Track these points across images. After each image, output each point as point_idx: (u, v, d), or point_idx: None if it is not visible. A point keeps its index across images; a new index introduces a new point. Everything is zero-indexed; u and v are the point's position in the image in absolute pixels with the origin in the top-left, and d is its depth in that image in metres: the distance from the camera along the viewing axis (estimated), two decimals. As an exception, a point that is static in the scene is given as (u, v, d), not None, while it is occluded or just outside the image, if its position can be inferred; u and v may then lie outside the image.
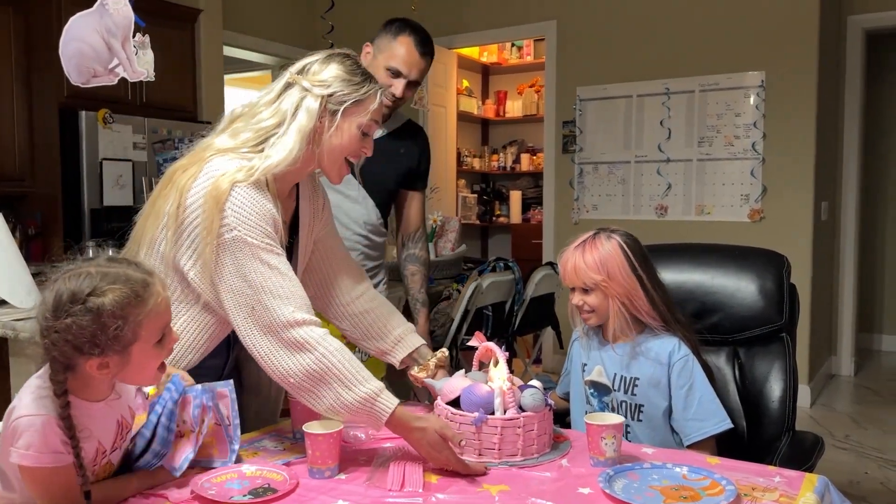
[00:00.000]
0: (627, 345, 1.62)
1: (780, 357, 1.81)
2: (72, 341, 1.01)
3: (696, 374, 1.59)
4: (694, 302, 1.85)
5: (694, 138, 4.44)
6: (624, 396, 1.62)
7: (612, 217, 4.68)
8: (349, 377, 1.27)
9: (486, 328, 3.34)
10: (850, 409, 4.28)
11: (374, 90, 1.42)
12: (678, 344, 1.60)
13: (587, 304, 1.61)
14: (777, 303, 1.80)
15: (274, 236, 1.35)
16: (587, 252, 1.60)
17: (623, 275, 1.58)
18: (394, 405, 1.28)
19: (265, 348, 1.29)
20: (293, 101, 1.39)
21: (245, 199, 1.32)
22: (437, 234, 3.56)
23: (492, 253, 6.61)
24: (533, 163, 6.34)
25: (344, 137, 1.42)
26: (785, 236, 4.07)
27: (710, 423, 1.57)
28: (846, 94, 4.78)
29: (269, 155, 1.37)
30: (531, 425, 1.36)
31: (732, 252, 1.95)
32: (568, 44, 4.85)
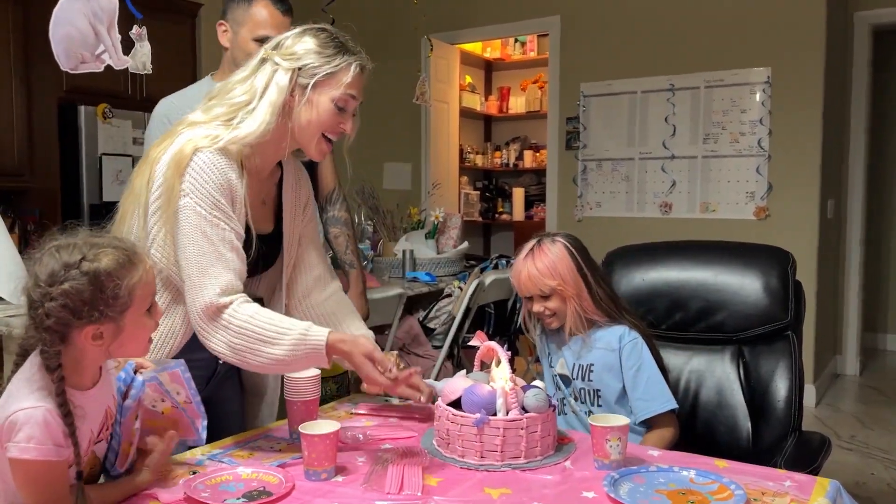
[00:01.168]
0: (580, 337, 1.69)
1: (785, 356, 1.78)
2: (70, 306, 1.01)
3: (645, 356, 1.65)
4: (697, 300, 1.84)
5: (699, 135, 4.40)
6: (582, 384, 1.69)
7: (615, 214, 4.64)
8: (271, 335, 1.29)
9: (488, 326, 3.32)
10: (855, 409, 4.23)
11: (347, 62, 1.38)
12: (626, 330, 1.67)
13: (548, 310, 1.66)
14: (782, 300, 1.78)
15: (225, 208, 1.33)
16: (537, 259, 1.65)
17: (572, 276, 1.65)
18: (324, 337, 1.31)
19: (199, 324, 1.32)
20: (265, 76, 1.37)
21: (203, 165, 1.32)
22: (439, 230, 3.53)
23: (494, 250, 6.57)
24: (536, 160, 6.30)
25: (316, 111, 1.39)
26: (791, 234, 4.03)
27: (658, 402, 1.63)
28: (853, 90, 4.73)
29: (237, 126, 1.36)
30: (534, 426, 1.33)
31: (736, 249, 1.93)
32: (572, 39, 4.81)
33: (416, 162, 5.44)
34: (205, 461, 1.29)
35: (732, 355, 1.81)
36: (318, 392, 1.43)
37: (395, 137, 5.49)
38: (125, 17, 2.32)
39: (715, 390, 1.82)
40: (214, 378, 1.54)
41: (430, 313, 3.10)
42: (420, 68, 4.83)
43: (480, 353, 1.49)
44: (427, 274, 3.22)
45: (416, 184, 5.41)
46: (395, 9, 5.20)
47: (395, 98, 5.06)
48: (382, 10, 5.38)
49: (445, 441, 1.35)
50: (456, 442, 1.33)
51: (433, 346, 3.06)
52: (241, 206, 1.36)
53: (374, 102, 5.54)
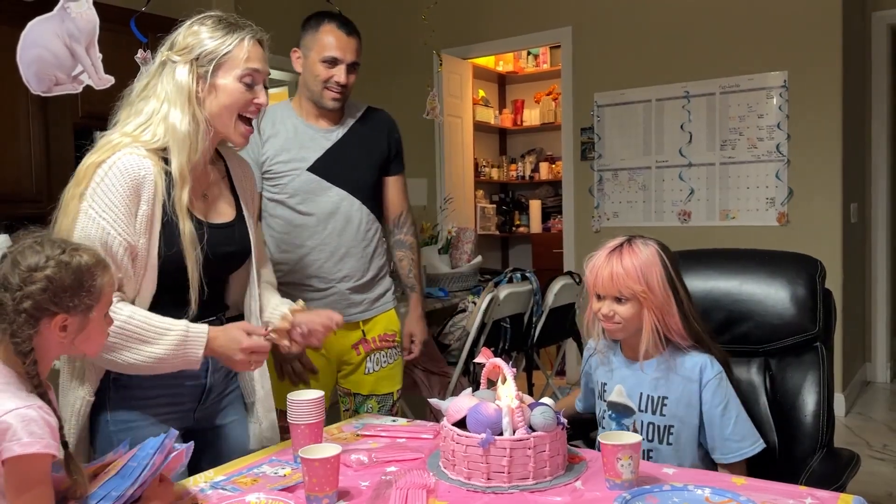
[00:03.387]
0: (654, 361, 1.52)
1: (813, 368, 1.70)
2: (50, 290, 1.06)
3: (731, 393, 1.51)
4: (722, 310, 1.76)
5: (716, 142, 4.33)
6: (652, 417, 1.52)
7: (633, 224, 4.58)
8: (150, 334, 1.30)
9: (505, 341, 3.27)
10: (887, 417, 4.11)
11: (240, 38, 1.39)
12: (710, 360, 1.51)
13: (618, 315, 1.49)
14: (810, 310, 1.69)
15: (118, 210, 1.30)
16: (626, 258, 1.49)
17: (661, 286, 1.48)
18: (204, 332, 1.33)
19: None
20: (168, 77, 1.37)
21: (113, 169, 1.31)
22: (453, 245, 3.50)
23: (513, 263, 6.53)
24: (552, 171, 6.27)
25: (226, 95, 1.39)
26: (813, 240, 3.94)
27: (748, 443, 1.49)
28: (872, 91, 4.64)
29: (155, 134, 1.35)
30: (542, 446, 1.28)
31: (762, 257, 1.85)
32: (584, 50, 4.78)
33: (431, 177, 5.43)
34: (208, 490, 1.26)
35: (759, 368, 1.74)
36: (323, 414, 1.40)
37: (409, 153, 5.41)
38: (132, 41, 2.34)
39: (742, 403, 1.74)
40: (206, 396, 1.50)
41: (444, 329, 3.06)
42: (431, 84, 4.83)
43: (486, 371, 1.44)
44: (441, 289, 3.19)
45: (432, 199, 5.39)
46: (406, 25, 5.21)
47: (408, 114, 5.03)
48: (393, 27, 5.40)
49: (451, 462, 1.31)
50: (462, 463, 1.29)
51: (448, 362, 3.02)
52: (151, 204, 1.34)
53: (387, 119, 5.56)
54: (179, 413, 1.47)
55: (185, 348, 1.32)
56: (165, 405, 1.44)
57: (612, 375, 1.59)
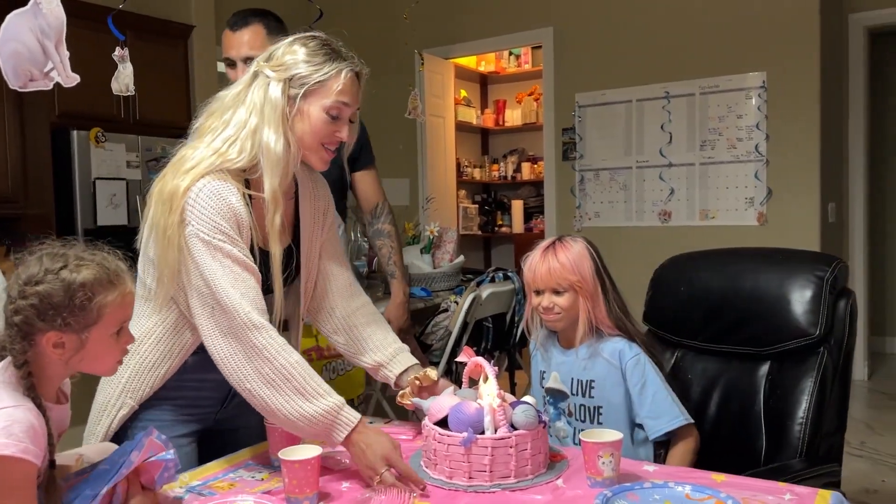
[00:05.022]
0: (583, 347, 1.62)
1: (811, 374, 1.65)
2: (37, 306, 1.03)
3: (648, 372, 1.59)
4: (732, 311, 1.75)
5: (696, 142, 4.37)
6: (582, 400, 1.63)
7: (614, 224, 4.61)
8: (309, 389, 1.25)
9: (487, 340, 3.27)
10: (864, 414, 4.16)
11: (337, 69, 1.34)
12: (627, 344, 1.61)
13: (557, 306, 1.60)
14: (812, 313, 1.65)
15: (231, 232, 1.30)
16: (560, 253, 1.60)
17: (591, 276, 1.60)
18: (356, 419, 1.26)
19: (224, 351, 1.27)
20: (260, 91, 1.34)
21: (202, 193, 1.29)
22: (435, 245, 3.50)
23: (495, 263, 6.53)
24: (534, 171, 6.28)
25: (310, 122, 1.35)
26: (792, 239, 3.98)
27: (664, 420, 1.56)
28: (850, 92, 4.70)
29: (244, 150, 1.32)
30: (524, 444, 1.28)
31: (779, 257, 1.83)
32: (565, 50, 4.80)
33: (413, 177, 5.42)
34: (184, 495, 1.24)
35: (763, 370, 1.72)
36: None
37: (391, 153, 5.47)
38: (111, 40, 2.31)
39: (739, 406, 1.73)
40: (230, 399, 1.49)
41: (426, 329, 3.06)
42: (413, 83, 4.82)
43: (468, 370, 1.44)
44: (423, 289, 3.18)
45: (414, 199, 5.38)
46: (388, 25, 5.21)
47: (390, 114, 5.04)
48: (375, 27, 5.39)
49: (433, 462, 1.31)
50: (443, 462, 1.28)
51: (430, 362, 3.02)
52: (247, 231, 1.32)
53: (369, 118, 5.55)
54: (201, 414, 1.46)
55: (334, 419, 1.25)
56: (188, 406, 1.43)
57: (549, 364, 1.70)
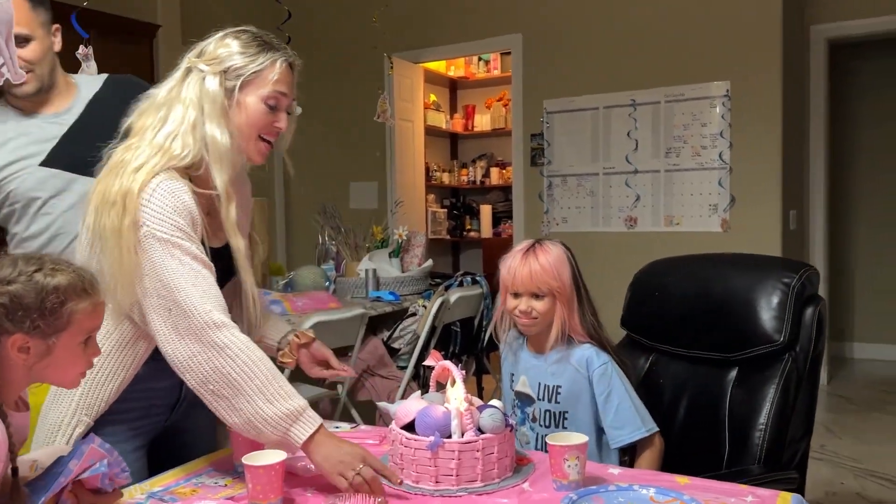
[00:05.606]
0: (553, 353, 1.61)
1: (773, 381, 1.66)
2: (7, 306, 1.01)
3: (615, 382, 1.58)
4: (701, 316, 1.76)
5: (661, 149, 4.43)
6: (548, 405, 1.62)
7: (582, 230, 4.65)
8: (273, 390, 1.22)
9: (455, 345, 3.27)
10: (824, 418, 4.25)
11: (272, 59, 1.34)
12: (595, 352, 1.60)
13: (535, 311, 1.58)
14: (777, 319, 1.66)
15: (188, 229, 1.28)
16: (540, 256, 1.58)
17: (569, 282, 1.58)
18: (316, 424, 1.23)
19: (183, 353, 1.23)
20: (196, 86, 1.32)
21: (157, 192, 1.26)
22: (403, 249, 3.49)
23: (463, 268, 6.53)
24: (503, 177, 6.31)
25: (247, 113, 1.34)
26: (754, 246, 4.05)
27: (626, 431, 1.56)
28: (811, 102, 4.80)
29: (186, 145, 1.30)
30: (491, 448, 1.28)
31: (745, 262, 1.85)
32: (534, 57, 4.83)
33: (382, 181, 5.41)
34: (145, 502, 1.22)
35: (731, 376, 1.72)
36: None
37: (360, 156, 5.46)
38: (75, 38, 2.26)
39: (705, 411, 1.73)
40: (179, 405, 1.46)
41: (394, 333, 3.05)
42: (382, 87, 4.82)
43: (435, 374, 1.44)
44: (391, 293, 3.17)
45: (383, 202, 5.37)
46: (357, 28, 5.19)
47: (359, 117, 5.03)
48: (345, 30, 5.37)
49: (399, 466, 1.30)
50: (410, 467, 1.28)
51: (398, 366, 3.01)
52: (200, 228, 1.31)
53: (338, 122, 5.55)
54: (152, 424, 1.43)
55: (293, 423, 1.21)
56: (138, 418, 1.40)
57: (518, 367, 1.69)
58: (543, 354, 1.63)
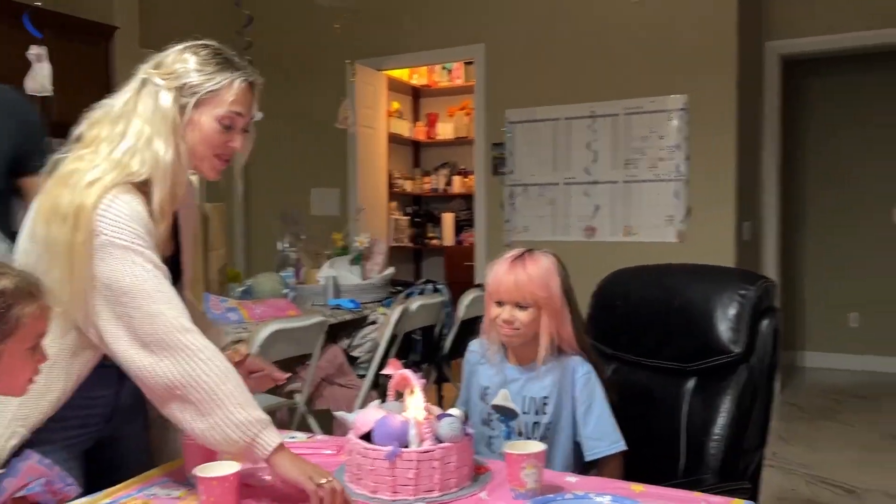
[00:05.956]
0: (534, 364, 1.58)
1: (731, 392, 1.67)
2: None
3: (597, 392, 1.57)
4: (659, 326, 1.78)
5: (620, 160, 4.50)
6: (535, 417, 1.58)
7: (542, 238, 4.68)
8: (243, 397, 1.21)
9: (415, 353, 3.27)
10: (777, 426, 4.33)
11: (230, 79, 1.32)
12: (580, 361, 1.59)
13: (518, 321, 1.53)
14: (734, 330, 1.68)
15: (148, 238, 1.26)
16: (529, 266, 1.54)
17: (558, 294, 1.54)
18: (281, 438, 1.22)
19: (147, 360, 1.21)
20: (150, 100, 1.30)
21: (114, 205, 1.24)
22: (364, 256, 3.47)
23: (425, 276, 6.53)
24: (465, 185, 6.33)
25: (202, 132, 1.32)
26: (710, 257, 4.13)
27: (605, 442, 1.55)
28: (765, 116, 4.93)
29: (144, 161, 1.28)
30: (449, 457, 1.28)
31: (704, 273, 1.87)
32: (496, 67, 4.87)
33: (343, 187, 5.38)
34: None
35: (689, 386, 1.74)
36: None
37: (322, 163, 5.42)
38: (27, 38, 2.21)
39: (663, 420, 1.75)
40: (117, 414, 1.43)
41: (354, 341, 3.03)
42: (344, 94, 4.80)
43: (394, 382, 1.43)
44: (351, 301, 3.15)
45: (345, 209, 5.34)
46: (320, 35, 5.17)
47: (322, 124, 5.00)
48: (308, 36, 5.34)
49: (357, 476, 1.29)
50: (367, 477, 1.27)
51: (358, 374, 2.99)
52: (158, 241, 1.29)
53: (301, 127, 5.50)
54: (89, 433, 1.39)
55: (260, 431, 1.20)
56: (74, 427, 1.36)
57: (495, 379, 1.62)
58: (530, 366, 1.59)
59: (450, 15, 5.00)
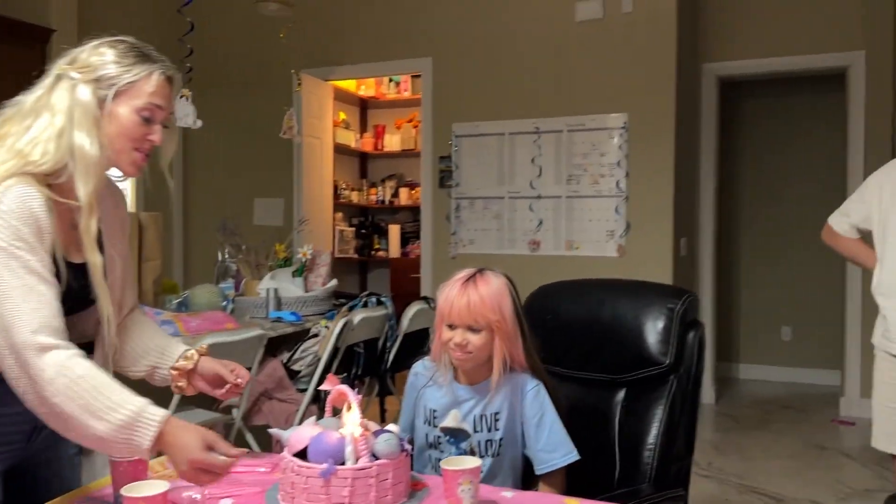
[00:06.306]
0: (486, 384, 1.57)
1: (661, 402, 1.73)
2: None
3: (547, 405, 1.58)
4: (591, 338, 1.82)
5: (563, 176, 4.58)
6: (488, 435, 1.58)
7: (487, 252, 4.72)
8: (98, 407, 1.15)
9: (358, 366, 3.24)
10: (712, 436, 4.46)
11: (148, 71, 1.31)
12: (528, 376, 1.59)
13: (471, 345, 1.52)
14: (663, 343, 1.74)
15: (31, 239, 1.21)
16: (480, 287, 1.52)
17: (511, 316, 1.53)
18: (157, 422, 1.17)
19: (15, 372, 1.18)
20: (66, 94, 1.28)
21: (5, 197, 1.20)
22: (307, 268, 3.44)
23: (371, 288, 6.51)
24: (412, 197, 6.34)
25: (120, 124, 1.30)
26: (648, 272, 4.23)
27: (558, 454, 1.56)
28: (702, 136, 5.10)
29: (47, 152, 1.25)
30: (385, 474, 1.27)
31: (631, 288, 1.92)
32: (443, 81, 4.90)
33: (288, 198, 5.32)
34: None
35: (619, 397, 1.78)
36: None
37: (266, 172, 5.36)
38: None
39: (596, 432, 1.78)
40: (38, 431, 1.36)
41: (294, 354, 2.98)
42: (289, 103, 4.76)
43: (331, 398, 1.42)
44: (292, 313, 3.11)
45: (289, 220, 5.28)
46: (266, 43, 5.12)
47: (265, 132, 4.94)
48: (253, 44, 5.28)
49: (290, 495, 1.27)
50: (301, 496, 1.25)
51: (298, 389, 2.94)
52: (49, 240, 1.23)
53: (244, 137, 5.42)
54: (8, 451, 1.33)
55: (132, 432, 1.15)
56: None
57: (443, 401, 1.61)
58: (481, 386, 1.58)
59: (398, 28, 5.02)
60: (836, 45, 4.74)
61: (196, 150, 5.51)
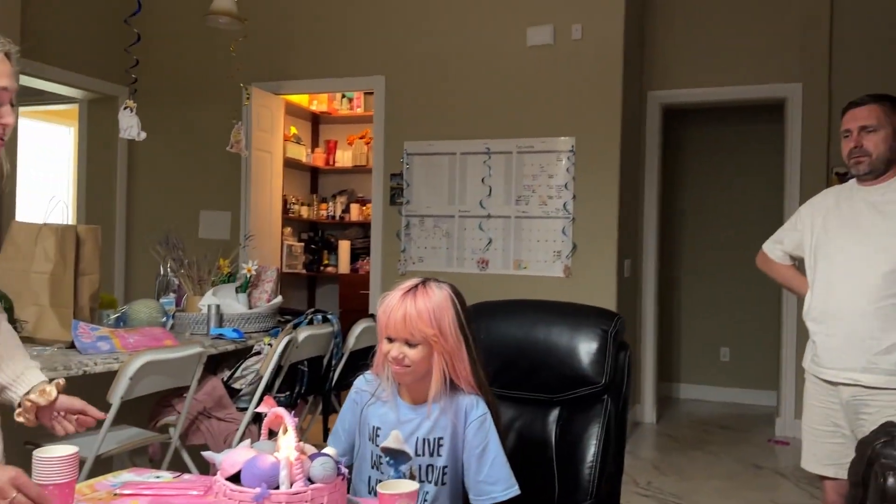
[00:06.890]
0: (435, 405, 1.51)
1: (598, 420, 1.76)
2: None
3: (491, 435, 1.53)
4: (525, 358, 1.83)
5: (512, 196, 4.63)
6: (430, 459, 1.53)
7: (437, 269, 4.74)
8: None
9: (301, 385, 3.20)
10: (652, 455, 4.54)
11: None
12: (476, 401, 1.53)
13: (408, 359, 1.47)
14: (598, 363, 1.78)
15: None
16: (419, 300, 1.47)
17: (453, 331, 1.48)
18: None
19: None
20: None
21: None
22: (252, 284, 3.39)
23: (319, 304, 6.45)
24: (363, 213, 6.32)
25: None
26: (593, 292, 4.31)
27: (500, 487, 1.51)
28: (647, 161, 5.23)
29: None
30: (320, 498, 1.26)
31: (569, 310, 1.95)
32: (396, 99, 4.92)
33: (236, 211, 5.25)
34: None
35: (555, 416, 1.81)
36: (76, 473, 1.27)
37: (213, 185, 5.28)
38: None
39: (533, 451, 1.79)
40: None
41: (235, 373, 2.93)
42: (238, 116, 4.71)
43: (267, 421, 1.40)
44: (234, 330, 3.06)
45: (236, 234, 5.20)
46: (215, 55, 5.06)
47: (213, 145, 4.87)
48: (202, 55, 5.22)
49: (223, 519, 1.25)
50: (233, 520, 1.23)
51: (239, 408, 2.89)
52: None
53: (192, 148, 5.34)
54: None
55: None
56: None
57: (387, 418, 1.56)
58: (422, 406, 1.52)
59: (351, 45, 5.03)
60: (775, 77, 4.94)
61: (142, 162, 5.40)
